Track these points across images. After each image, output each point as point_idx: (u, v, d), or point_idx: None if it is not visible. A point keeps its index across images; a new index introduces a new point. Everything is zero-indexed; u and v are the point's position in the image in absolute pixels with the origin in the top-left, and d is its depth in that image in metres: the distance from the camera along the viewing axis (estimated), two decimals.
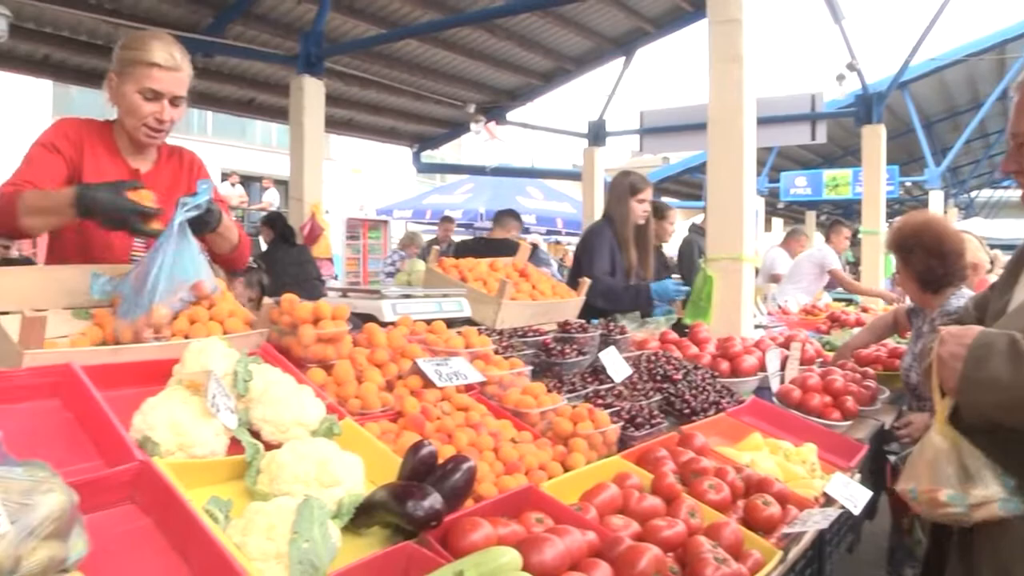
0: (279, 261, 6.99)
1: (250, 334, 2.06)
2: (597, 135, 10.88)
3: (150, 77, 2.24)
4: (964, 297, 3.00)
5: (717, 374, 3.19)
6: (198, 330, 1.96)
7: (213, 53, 8.17)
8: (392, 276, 10.24)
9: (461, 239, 10.89)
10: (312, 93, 7.81)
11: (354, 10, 8.39)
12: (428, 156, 13.34)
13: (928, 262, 3.04)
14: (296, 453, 1.48)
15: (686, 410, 2.67)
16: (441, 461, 1.59)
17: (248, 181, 19.41)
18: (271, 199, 17.65)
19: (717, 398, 2.83)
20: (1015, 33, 11.51)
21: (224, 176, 17.69)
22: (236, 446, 1.58)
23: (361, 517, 1.45)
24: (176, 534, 1.32)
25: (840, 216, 13.41)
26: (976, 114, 14.52)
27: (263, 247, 8.12)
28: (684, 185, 19.33)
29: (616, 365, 2.77)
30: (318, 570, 1.23)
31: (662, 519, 1.78)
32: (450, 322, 2.71)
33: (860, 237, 9.42)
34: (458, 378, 2.22)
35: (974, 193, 27.29)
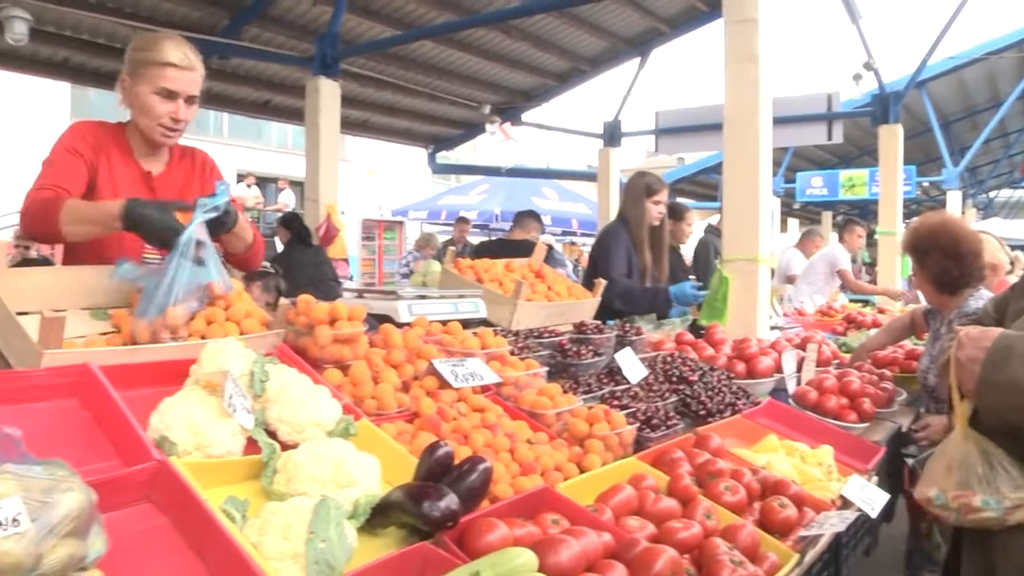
0: (295, 262, 7.01)
1: (267, 335, 2.07)
2: (612, 136, 10.86)
3: (165, 77, 2.26)
4: (982, 299, 2.97)
5: (733, 375, 3.17)
6: (215, 331, 1.97)
7: (229, 55, 8.24)
8: (407, 277, 10.26)
9: (479, 240, 10.90)
10: (328, 94, 7.83)
11: (369, 11, 8.41)
12: (443, 157, 13.37)
13: (944, 264, 3.01)
14: (312, 453, 1.49)
15: (702, 411, 2.66)
16: (457, 462, 1.59)
17: (264, 182, 19.54)
18: (287, 200, 17.75)
19: (733, 399, 2.81)
20: None
21: (240, 177, 17.82)
22: (253, 446, 1.59)
23: (377, 517, 1.45)
24: (193, 533, 1.32)
25: (856, 216, 13.32)
26: (995, 113, 14.38)
27: (279, 248, 8.15)
28: (699, 186, 19.28)
29: (632, 366, 2.76)
30: (334, 570, 1.24)
31: (678, 521, 1.78)
32: (466, 323, 2.71)
33: (877, 238, 9.34)
34: (474, 379, 2.22)
35: (993, 193, 26.98)
